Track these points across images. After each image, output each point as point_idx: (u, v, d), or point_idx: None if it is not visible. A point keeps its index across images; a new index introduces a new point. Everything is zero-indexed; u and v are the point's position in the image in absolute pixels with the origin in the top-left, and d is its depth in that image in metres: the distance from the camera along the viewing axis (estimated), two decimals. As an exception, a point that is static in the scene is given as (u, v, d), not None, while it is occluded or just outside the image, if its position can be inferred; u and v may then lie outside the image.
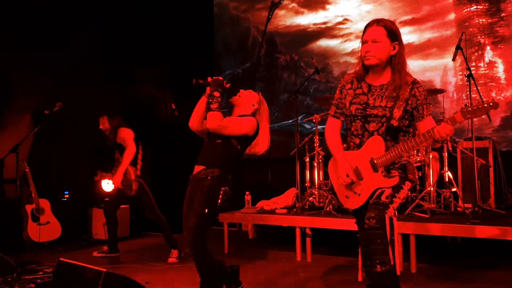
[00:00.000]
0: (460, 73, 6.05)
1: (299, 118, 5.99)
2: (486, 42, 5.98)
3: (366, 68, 2.74)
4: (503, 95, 5.87)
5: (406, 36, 6.43)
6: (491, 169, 5.09)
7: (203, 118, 3.43)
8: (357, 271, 4.44)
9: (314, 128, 5.70)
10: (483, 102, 2.42)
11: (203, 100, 3.43)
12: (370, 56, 2.67)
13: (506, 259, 4.57)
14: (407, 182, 2.71)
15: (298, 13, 7.59)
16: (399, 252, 4.05)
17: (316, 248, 5.01)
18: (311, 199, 5.53)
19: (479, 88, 4.68)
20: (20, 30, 5.96)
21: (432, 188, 4.85)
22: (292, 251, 5.05)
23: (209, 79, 3.38)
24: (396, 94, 2.65)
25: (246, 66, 8.08)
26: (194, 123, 3.48)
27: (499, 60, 5.92)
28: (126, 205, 6.36)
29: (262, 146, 3.50)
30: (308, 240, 4.92)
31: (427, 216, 4.49)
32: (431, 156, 5.01)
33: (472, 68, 5.44)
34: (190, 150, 4.13)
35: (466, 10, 6.13)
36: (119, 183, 5.17)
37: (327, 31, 7.27)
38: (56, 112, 5.51)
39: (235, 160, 3.37)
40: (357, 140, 2.80)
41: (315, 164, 5.58)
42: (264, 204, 5.71)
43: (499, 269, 4.36)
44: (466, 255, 4.77)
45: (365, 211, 2.66)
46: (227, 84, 3.40)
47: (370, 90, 2.74)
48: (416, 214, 4.59)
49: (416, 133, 2.71)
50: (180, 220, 4.94)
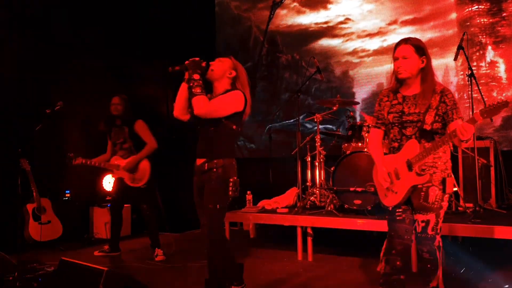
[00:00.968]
0: (462, 72, 6.05)
1: (301, 117, 6.00)
2: (488, 42, 5.98)
3: (400, 81, 3.07)
4: (504, 94, 5.87)
5: (408, 35, 6.40)
6: (492, 168, 5.10)
7: (186, 105, 3.36)
8: (358, 271, 4.46)
9: (316, 127, 5.70)
10: (498, 102, 2.70)
11: (184, 87, 3.37)
12: (402, 70, 2.99)
13: (507, 259, 4.56)
14: (445, 197, 3.01)
15: (299, 12, 7.59)
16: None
17: (317, 248, 5.01)
18: (312, 198, 5.54)
19: (480, 88, 4.68)
20: (20, 29, 5.97)
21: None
22: (294, 251, 5.05)
23: (186, 63, 3.31)
24: (427, 101, 2.96)
25: (247, 66, 8.08)
26: (178, 111, 3.41)
27: (501, 60, 5.92)
28: (127, 204, 6.36)
29: (246, 114, 3.42)
30: (310, 239, 4.93)
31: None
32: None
33: (473, 68, 5.43)
34: (191, 149, 4.12)
35: (468, 9, 6.12)
36: (130, 166, 5.12)
37: (328, 31, 7.27)
38: (57, 111, 5.50)
39: (235, 141, 3.28)
40: (396, 144, 3.09)
41: (316, 163, 5.58)
42: (265, 203, 5.71)
43: (500, 268, 4.36)
44: (467, 255, 4.77)
45: (397, 211, 3.05)
46: (202, 63, 3.34)
47: (405, 100, 3.05)
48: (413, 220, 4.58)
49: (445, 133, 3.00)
50: (180, 219, 4.98)
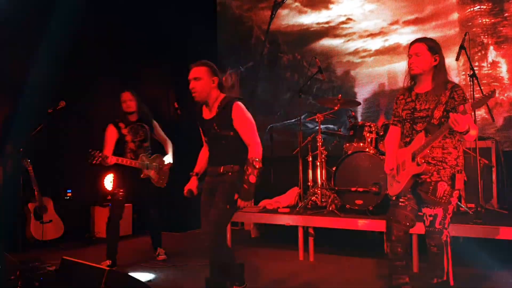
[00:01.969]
0: (463, 73, 6.05)
1: (302, 117, 6.00)
2: (489, 42, 5.98)
3: (413, 77, 3.22)
4: (506, 95, 5.87)
5: (409, 35, 6.43)
6: (494, 169, 5.10)
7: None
8: (359, 271, 4.46)
9: (317, 127, 5.70)
10: (485, 94, 2.84)
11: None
12: (414, 67, 3.15)
13: (508, 259, 4.56)
14: (455, 193, 3.10)
15: (301, 12, 7.59)
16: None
17: (318, 248, 5.01)
18: (313, 198, 5.53)
19: (482, 88, 4.67)
20: (21, 28, 5.98)
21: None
22: (295, 251, 5.05)
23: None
24: (438, 97, 3.07)
25: (249, 65, 8.09)
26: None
27: (502, 60, 5.91)
28: (129, 203, 6.36)
29: None
30: (311, 239, 4.93)
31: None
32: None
33: (475, 68, 5.42)
34: (191, 148, 4.13)
35: (470, 10, 6.12)
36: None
37: (330, 31, 7.27)
38: (59, 110, 5.51)
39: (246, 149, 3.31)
40: (408, 139, 3.21)
41: (318, 163, 5.58)
42: (266, 203, 5.72)
43: (502, 269, 4.36)
44: (468, 255, 4.76)
45: (401, 199, 3.20)
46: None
47: (417, 97, 3.18)
48: (419, 214, 4.58)
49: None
50: (181, 219, 4.98)
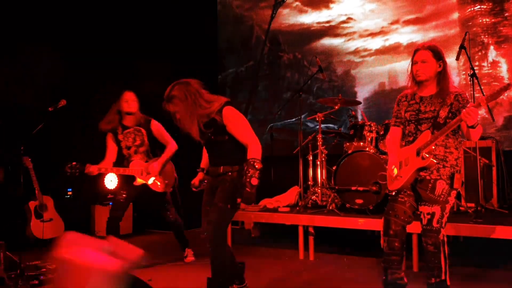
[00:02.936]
0: (464, 72, 6.05)
1: (302, 116, 6.00)
2: (490, 42, 5.98)
3: (418, 83, 3.27)
4: (506, 94, 5.85)
5: (410, 35, 6.44)
6: (494, 168, 5.10)
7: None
8: (359, 270, 4.47)
9: (317, 126, 5.71)
10: (500, 87, 2.87)
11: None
12: (421, 73, 3.20)
13: (508, 259, 4.57)
14: (453, 192, 3.13)
15: (301, 11, 7.59)
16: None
17: (318, 247, 5.02)
18: (314, 197, 5.54)
19: (482, 87, 4.67)
20: (21, 26, 5.98)
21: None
22: (295, 250, 5.05)
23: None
24: (443, 100, 3.15)
25: (249, 65, 8.10)
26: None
27: (503, 60, 5.92)
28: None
29: None
30: (311, 238, 4.93)
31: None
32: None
33: (475, 68, 5.43)
34: (191, 148, 4.13)
35: (470, 9, 6.12)
36: (157, 173, 4.64)
37: (330, 30, 7.27)
38: (60, 109, 5.51)
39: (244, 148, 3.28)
40: (411, 139, 3.25)
41: (318, 162, 5.58)
42: (266, 202, 5.72)
43: (501, 268, 4.37)
44: (468, 255, 4.78)
45: (400, 194, 3.23)
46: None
47: (422, 100, 3.24)
48: (418, 213, 4.59)
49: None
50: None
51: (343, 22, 7.16)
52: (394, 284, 3.20)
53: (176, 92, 3.24)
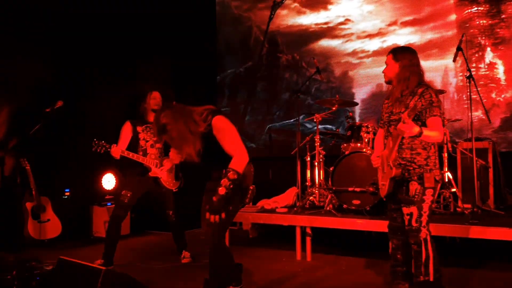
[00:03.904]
0: (461, 74, 6.07)
1: (300, 117, 6.01)
2: (487, 44, 5.99)
3: (389, 83, 3.45)
4: (503, 96, 5.88)
5: (407, 36, 6.45)
6: (491, 169, 5.11)
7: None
8: (356, 271, 4.48)
9: (315, 127, 5.72)
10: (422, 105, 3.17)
11: None
12: (384, 76, 3.44)
13: (504, 260, 4.58)
14: (427, 191, 3.21)
15: (300, 12, 7.60)
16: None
17: (316, 247, 5.02)
18: (311, 198, 5.55)
19: (479, 89, 4.69)
20: (19, 26, 5.99)
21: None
22: (292, 250, 5.06)
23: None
24: (405, 102, 3.26)
25: (247, 66, 8.10)
26: None
27: (500, 62, 5.93)
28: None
29: None
30: (308, 239, 4.94)
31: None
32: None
33: (472, 69, 5.44)
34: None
35: (467, 11, 6.14)
36: (169, 166, 4.86)
37: (328, 31, 7.28)
38: (57, 109, 5.52)
39: None
40: (385, 141, 3.41)
41: (316, 163, 5.60)
42: (264, 203, 5.72)
43: (498, 269, 4.38)
44: (464, 256, 4.78)
45: (390, 204, 3.42)
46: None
47: (395, 101, 3.36)
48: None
49: None
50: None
51: (341, 23, 7.17)
52: None
53: (165, 119, 3.17)
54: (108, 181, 6.65)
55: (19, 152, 5.56)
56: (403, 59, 3.32)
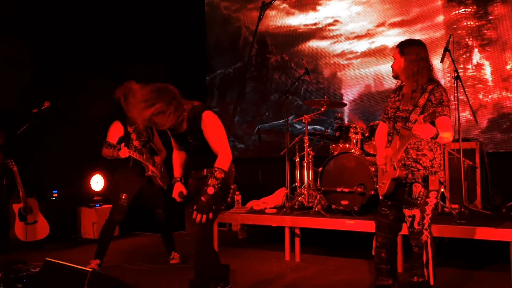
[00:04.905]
0: (448, 75, 6.10)
1: (290, 118, 6.01)
2: (474, 45, 6.04)
3: (397, 78, 3.35)
4: (490, 97, 5.93)
5: (396, 38, 6.48)
6: (478, 170, 5.14)
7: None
8: (345, 271, 4.49)
9: (304, 128, 5.72)
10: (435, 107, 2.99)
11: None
12: (392, 70, 3.32)
13: (492, 259, 4.61)
14: (431, 194, 3.16)
15: (289, 13, 7.61)
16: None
17: (305, 248, 5.03)
18: (300, 199, 5.55)
19: (466, 90, 4.72)
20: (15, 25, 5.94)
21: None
22: (281, 251, 5.06)
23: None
24: (415, 100, 3.15)
25: (237, 66, 8.10)
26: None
27: (487, 63, 5.98)
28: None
29: None
30: (297, 240, 4.94)
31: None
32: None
33: (460, 70, 5.49)
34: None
35: (455, 12, 6.18)
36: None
37: (317, 32, 7.30)
38: (44, 110, 5.48)
39: None
40: (390, 138, 3.32)
41: (305, 164, 5.60)
42: (254, 204, 5.72)
43: (485, 269, 4.41)
44: (452, 256, 4.81)
45: (387, 200, 3.33)
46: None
47: (403, 97, 3.27)
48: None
49: None
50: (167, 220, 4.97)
51: (330, 24, 7.19)
52: None
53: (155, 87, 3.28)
54: (97, 182, 6.61)
55: (6, 153, 5.51)
56: (409, 53, 3.19)
